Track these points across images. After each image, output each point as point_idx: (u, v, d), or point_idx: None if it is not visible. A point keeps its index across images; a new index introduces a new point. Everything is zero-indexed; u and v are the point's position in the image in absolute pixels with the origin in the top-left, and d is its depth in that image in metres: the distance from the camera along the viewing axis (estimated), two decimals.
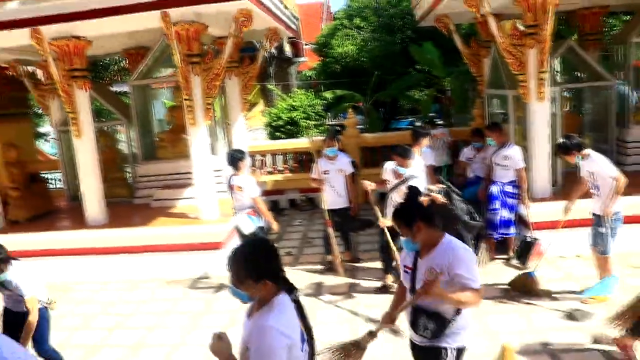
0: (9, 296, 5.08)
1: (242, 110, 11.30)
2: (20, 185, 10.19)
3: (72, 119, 8.71)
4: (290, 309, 2.68)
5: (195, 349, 6.09)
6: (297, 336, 2.63)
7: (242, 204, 7.33)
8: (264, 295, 2.69)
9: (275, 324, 2.56)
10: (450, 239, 3.51)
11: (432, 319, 3.44)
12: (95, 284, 8.49)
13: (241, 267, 2.69)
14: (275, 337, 2.53)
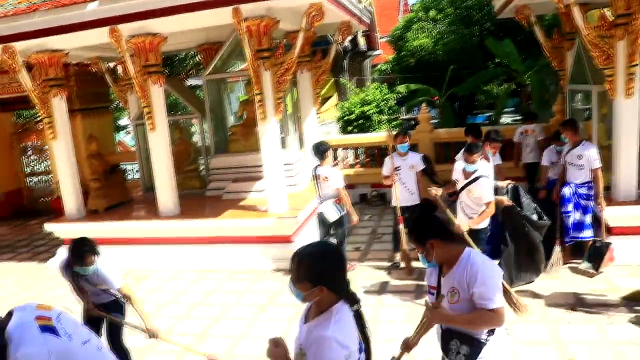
0: (92, 288, 5.04)
1: (314, 104, 11.30)
2: (100, 176, 10.63)
3: (147, 112, 8.98)
4: (349, 319, 2.62)
5: (257, 341, 6.15)
6: (354, 347, 2.58)
7: (326, 193, 7.69)
8: (322, 302, 2.64)
9: (334, 334, 2.50)
10: (470, 252, 3.29)
11: (464, 342, 3.28)
12: (167, 273, 8.76)
13: (303, 266, 2.64)
14: (333, 348, 2.48)
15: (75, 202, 10.02)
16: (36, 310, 2.63)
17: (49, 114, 9.75)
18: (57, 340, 2.51)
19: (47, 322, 2.58)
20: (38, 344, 2.45)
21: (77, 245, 4.84)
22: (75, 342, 2.61)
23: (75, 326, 2.72)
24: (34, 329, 2.50)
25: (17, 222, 14.38)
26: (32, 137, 15.53)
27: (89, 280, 4.94)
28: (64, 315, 2.70)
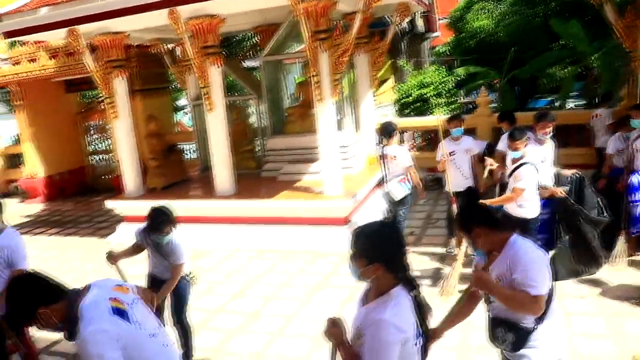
0: (161, 262, 5.16)
1: (371, 86, 11.19)
2: (159, 156, 10.85)
3: (205, 93, 9.09)
4: (406, 303, 2.60)
5: (308, 322, 6.19)
6: (411, 331, 2.56)
7: (394, 172, 7.77)
8: (380, 284, 2.63)
9: (391, 318, 2.50)
10: (516, 239, 3.25)
11: (511, 330, 3.23)
12: (223, 251, 8.89)
13: (361, 242, 2.65)
14: (390, 331, 2.48)
15: (134, 180, 10.29)
16: (112, 291, 2.67)
17: (110, 94, 10.01)
18: (126, 326, 2.55)
19: (120, 306, 2.62)
20: (107, 325, 2.48)
21: (157, 214, 5.01)
22: (144, 332, 2.64)
23: (146, 316, 2.75)
24: (106, 309, 2.54)
25: (79, 199, 14.88)
26: (95, 117, 15.97)
27: (160, 250, 5.06)
28: (138, 302, 2.73)
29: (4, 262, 4.91)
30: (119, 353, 2.48)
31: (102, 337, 2.45)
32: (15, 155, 16.59)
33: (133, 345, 2.54)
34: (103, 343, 2.44)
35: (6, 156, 16.87)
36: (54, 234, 11.61)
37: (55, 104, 15.24)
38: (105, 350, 2.45)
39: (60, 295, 2.65)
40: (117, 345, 2.47)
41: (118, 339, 2.47)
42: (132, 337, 2.55)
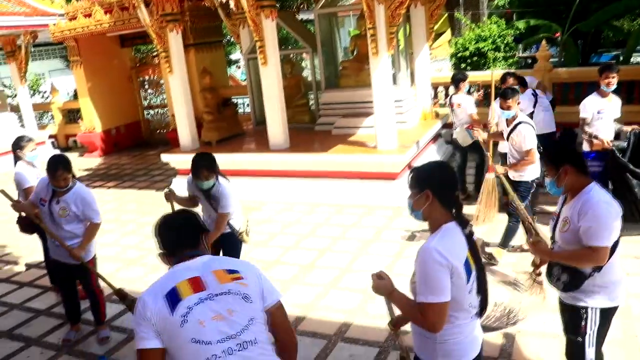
0: (211, 213, 5.24)
1: (427, 40, 10.88)
2: (213, 110, 10.90)
3: (259, 47, 9.01)
4: (457, 236, 2.63)
5: (361, 275, 6.20)
6: (458, 264, 2.55)
7: (460, 119, 8.14)
8: (434, 220, 2.69)
9: (436, 245, 2.55)
10: (593, 188, 3.24)
11: (566, 271, 3.27)
12: (277, 205, 8.95)
13: (414, 173, 2.75)
14: (433, 255, 2.52)
15: (189, 134, 10.39)
16: (209, 274, 2.41)
17: (165, 49, 10.04)
18: (166, 314, 2.25)
19: (183, 291, 2.32)
20: (149, 301, 2.30)
21: (195, 159, 5.08)
22: (185, 332, 2.24)
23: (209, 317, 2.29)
24: (166, 287, 2.34)
25: (135, 153, 15.19)
26: (149, 72, 16.16)
27: (209, 199, 5.13)
28: (223, 299, 2.34)
29: (78, 216, 5.07)
30: (146, 329, 2.25)
31: (140, 305, 2.30)
32: (74, 110, 16.99)
33: (169, 338, 2.25)
34: (139, 311, 2.30)
35: (65, 111, 17.30)
36: (111, 186, 11.91)
37: (110, 59, 15.47)
38: (137, 316, 2.31)
39: (173, 251, 2.56)
40: (149, 323, 2.25)
41: (151, 319, 2.25)
42: (169, 329, 2.25)
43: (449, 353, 2.69)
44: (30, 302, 6.65)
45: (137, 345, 2.28)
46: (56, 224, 5.07)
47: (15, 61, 15.38)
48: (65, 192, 5.03)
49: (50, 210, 5.05)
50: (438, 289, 2.51)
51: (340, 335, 5.04)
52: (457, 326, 2.66)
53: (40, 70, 33.68)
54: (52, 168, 4.92)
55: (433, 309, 2.53)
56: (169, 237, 2.61)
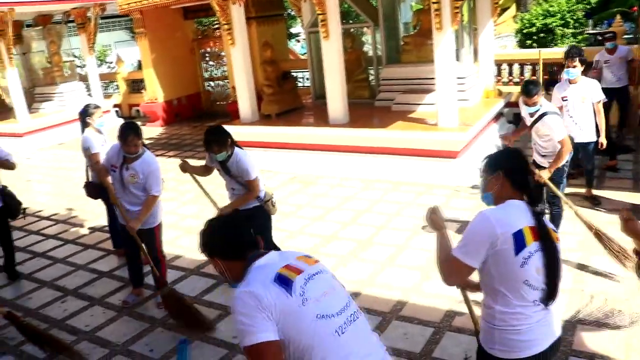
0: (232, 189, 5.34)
1: (492, 15, 10.58)
2: (273, 83, 10.95)
3: (322, 20, 8.96)
4: (516, 210, 2.65)
5: (417, 252, 6.19)
6: (506, 231, 2.54)
7: None
8: (500, 195, 2.75)
9: (489, 212, 2.62)
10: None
11: None
12: (333, 179, 8.98)
13: (488, 157, 2.87)
14: (481, 220, 2.61)
15: (249, 106, 10.49)
16: (295, 260, 2.42)
17: (227, 21, 10.12)
18: (285, 297, 2.21)
19: (290, 274, 2.30)
20: (259, 290, 2.21)
21: (205, 134, 5.18)
22: (309, 310, 2.23)
23: (325, 293, 2.31)
24: (270, 275, 2.28)
25: (196, 124, 15.45)
26: (210, 44, 16.34)
27: (228, 171, 5.20)
28: (321, 276, 2.38)
29: (141, 185, 5.23)
30: (262, 321, 2.16)
31: (248, 298, 2.19)
32: (137, 80, 17.39)
33: (290, 321, 2.19)
34: (248, 305, 2.18)
35: (129, 81, 17.73)
36: (172, 156, 12.17)
37: (173, 31, 15.71)
38: (245, 310, 2.18)
39: (239, 255, 2.44)
40: (264, 313, 2.16)
41: (269, 307, 2.17)
42: (290, 312, 2.19)
43: (506, 343, 2.64)
44: (94, 263, 6.95)
45: (250, 340, 2.15)
46: (126, 190, 5.25)
47: (85, 33, 15.87)
48: (134, 159, 5.19)
49: (120, 176, 5.23)
50: (468, 250, 2.60)
51: (395, 313, 5.05)
52: (517, 313, 2.59)
53: (107, 41, 34.57)
54: (124, 133, 5.10)
55: (453, 262, 2.65)
56: (235, 238, 2.48)
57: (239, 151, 5.19)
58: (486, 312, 2.73)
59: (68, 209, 9.15)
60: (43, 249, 7.64)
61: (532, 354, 2.62)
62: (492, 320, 2.66)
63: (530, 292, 2.58)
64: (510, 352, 2.64)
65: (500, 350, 2.66)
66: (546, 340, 2.67)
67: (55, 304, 6.02)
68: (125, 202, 5.33)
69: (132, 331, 5.26)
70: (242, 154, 5.18)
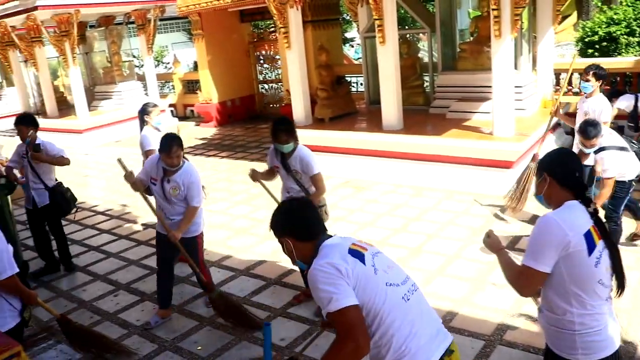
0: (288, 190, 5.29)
1: (553, 23, 10.33)
2: (328, 87, 10.96)
3: (378, 25, 8.92)
4: (578, 211, 2.65)
5: (468, 263, 6.07)
6: (576, 234, 2.56)
7: None
8: (554, 199, 2.76)
9: (554, 215, 2.63)
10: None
11: None
12: (385, 186, 8.92)
13: (540, 160, 2.90)
14: (548, 222, 2.61)
15: (303, 109, 10.53)
16: (356, 241, 2.67)
17: (284, 24, 10.19)
18: (361, 266, 2.47)
19: (360, 249, 2.57)
20: (337, 260, 2.44)
21: (274, 122, 5.13)
22: (380, 278, 2.50)
23: (389, 266, 2.61)
24: (344, 249, 2.53)
25: (249, 125, 15.62)
26: (266, 47, 16.49)
27: (287, 166, 5.15)
28: (380, 255, 2.65)
29: (181, 196, 5.13)
30: (344, 288, 2.38)
31: (329, 268, 2.42)
32: (193, 81, 17.70)
33: (365, 287, 2.43)
34: (329, 274, 2.40)
35: (185, 82, 18.06)
36: (224, 156, 12.34)
37: (230, 34, 15.94)
38: (328, 280, 2.40)
39: (312, 236, 2.64)
40: (344, 280, 2.39)
41: (347, 275, 2.40)
42: (365, 279, 2.44)
43: (590, 346, 2.66)
44: (145, 259, 7.08)
45: (335, 306, 2.35)
46: (169, 201, 5.16)
47: (144, 33, 16.28)
48: (175, 171, 5.08)
49: (162, 189, 5.13)
50: (541, 257, 2.59)
51: (444, 324, 4.94)
52: (595, 314, 2.63)
53: (165, 42, 35.41)
54: (167, 145, 4.95)
55: (526, 273, 2.64)
56: (309, 220, 2.70)
57: (302, 146, 5.17)
58: (560, 319, 2.69)
59: (122, 205, 9.38)
60: (97, 243, 7.85)
61: (611, 352, 2.67)
62: (570, 326, 2.65)
63: (604, 291, 2.64)
64: (593, 355, 2.66)
65: (583, 355, 2.67)
66: (617, 336, 2.72)
67: (108, 298, 6.16)
68: (168, 212, 5.23)
69: (180, 328, 5.33)
70: (305, 149, 5.16)
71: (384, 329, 2.44)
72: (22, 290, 3.79)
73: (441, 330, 2.65)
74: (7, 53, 17.13)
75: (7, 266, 3.58)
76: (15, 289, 3.72)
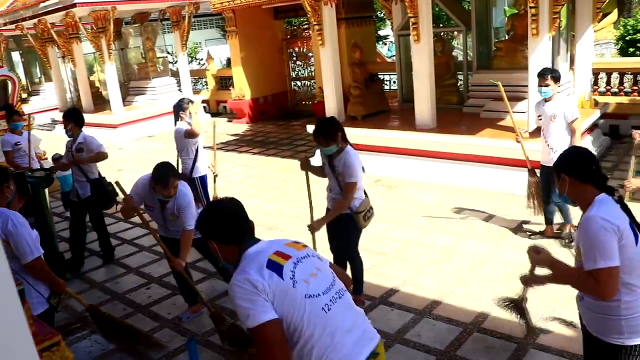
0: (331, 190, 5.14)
1: (593, 21, 10.10)
2: (361, 84, 10.92)
3: (413, 23, 8.86)
4: (612, 203, 2.72)
5: (500, 264, 6.00)
6: (623, 226, 2.63)
7: None
8: (582, 197, 2.81)
9: (596, 213, 2.66)
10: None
11: None
12: (417, 185, 8.85)
13: (559, 163, 2.92)
14: (597, 221, 2.62)
15: (336, 107, 10.51)
16: (283, 246, 2.63)
17: (318, 22, 10.18)
18: (277, 280, 2.44)
19: (279, 260, 2.52)
20: (254, 275, 2.42)
21: (316, 123, 5.05)
22: (298, 290, 2.46)
23: (309, 274, 2.55)
24: (262, 261, 2.49)
25: (281, 122, 15.67)
26: (298, 44, 16.52)
27: (333, 165, 4.96)
28: (309, 260, 2.61)
29: None
30: (261, 304, 2.38)
31: (246, 284, 2.40)
32: (226, 77, 17.82)
33: (283, 301, 2.41)
34: (246, 290, 2.39)
35: (218, 78, 18.20)
36: (256, 153, 12.39)
37: (263, 31, 15.99)
38: (245, 296, 2.39)
39: (237, 239, 2.62)
40: (261, 297, 2.38)
41: (264, 291, 2.39)
42: (281, 293, 2.42)
43: (635, 329, 2.71)
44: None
45: (253, 322, 2.36)
46: (167, 222, 5.11)
47: (179, 30, 16.48)
48: (168, 200, 4.96)
49: (162, 215, 5.07)
50: (608, 254, 2.59)
51: (476, 325, 4.91)
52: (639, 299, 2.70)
53: (198, 39, 35.74)
54: (164, 177, 4.77)
55: (605, 273, 2.60)
56: (234, 224, 2.65)
57: (350, 149, 4.90)
58: (607, 306, 2.72)
59: None
60: (131, 237, 7.96)
61: None
62: (617, 311, 2.70)
63: None
64: (637, 337, 2.72)
65: (629, 338, 2.72)
66: None
67: (141, 290, 6.25)
68: (171, 228, 5.13)
69: (211, 323, 5.35)
70: (352, 153, 4.88)
71: (304, 341, 2.43)
72: (51, 277, 3.89)
73: (367, 333, 2.63)
74: (46, 49, 17.51)
75: (32, 250, 3.70)
76: (43, 273, 3.81)
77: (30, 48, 20.30)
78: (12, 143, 7.62)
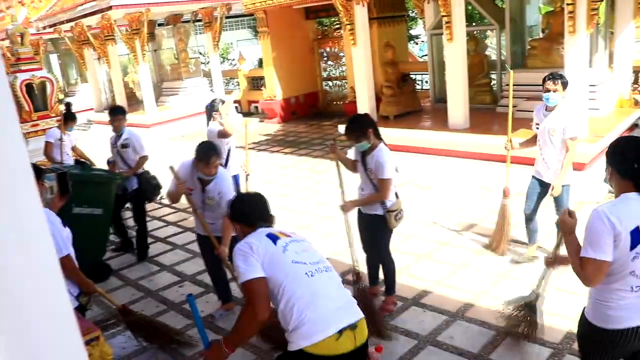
0: (363, 188, 5.09)
1: (634, 17, 9.84)
2: (393, 84, 10.86)
3: (446, 22, 8.77)
4: (632, 204, 2.70)
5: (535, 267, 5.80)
6: (623, 230, 2.64)
7: None
8: (618, 190, 2.81)
9: (604, 208, 2.69)
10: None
11: None
12: (449, 185, 8.76)
13: (608, 151, 2.87)
14: (598, 216, 2.67)
15: (368, 107, 10.45)
16: (288, 232, 3.24)
17: (350, 21, 10.14)
18: (272, 247, 2.98)
19: (278, 234, 3.09)
20: (254, 240, 3.01)
21: (352, 119, 5.02)
22: (287, 256, 2.96)
23: (303, 249, 3.10)
24: (262, 233, 3.08)
25: (312, 122, 15.67)
26: (330, 44, 16.51)
27: (365, 163, 4.91)
28: (298, 242, 3.14)
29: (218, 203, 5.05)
30: (252, 263, 2.90)
31: (245, 246, 2.97)
32: (257, 78, 17.90)
33: (271, 262, 2.92)
34: (244, 251, 2.94)
35: (249, 78, 18.29)
36: (288, 152, 12.42)
37: (295, 31, 16.02)
38: (242, 256, 2.94)
39: (253, 223, 3.20)
40: (253, 257, 2.91)
41: (257, 252, 2.92)
42: (271, 256, 2.94)
43: (597, 314, 2.85)
44: None
45: (243, 278, 2.91)
46: (209, 208, 5.13)
47: (211, 31, 16.61)
48: (210, 181, 5.02)
49: (201, 197, 5.11)
50: (598, 247, 2.67)
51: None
52: (613, 291, 2.77)
53: (230, 39, 35.98)
54: (207, 155, 4.86)
55: (590, 264, 2.71)
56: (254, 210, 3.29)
57: (383, 147, 4.86)
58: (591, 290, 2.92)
59: None
60: (165, 235, 8.05)
61: (619, 328, 2.78)
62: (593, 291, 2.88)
63: (634, 281, 2.74)
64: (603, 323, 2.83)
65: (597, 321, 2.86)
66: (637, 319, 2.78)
67: (174, 288, 6.30)
68: (208, 217, 5.13)
69: None
70: (385, 150, 4.84)
71: (286, 298, 2.85)
72: (80, 277, 3.94)
73: (350, 307, 3.00)
74: (82, 51, 17.88)
75: (61, 247, 3.74)
76: (71, 271, 3.85)
77: (67, 50, 20.69)
78: (56, 137, 7.80)
